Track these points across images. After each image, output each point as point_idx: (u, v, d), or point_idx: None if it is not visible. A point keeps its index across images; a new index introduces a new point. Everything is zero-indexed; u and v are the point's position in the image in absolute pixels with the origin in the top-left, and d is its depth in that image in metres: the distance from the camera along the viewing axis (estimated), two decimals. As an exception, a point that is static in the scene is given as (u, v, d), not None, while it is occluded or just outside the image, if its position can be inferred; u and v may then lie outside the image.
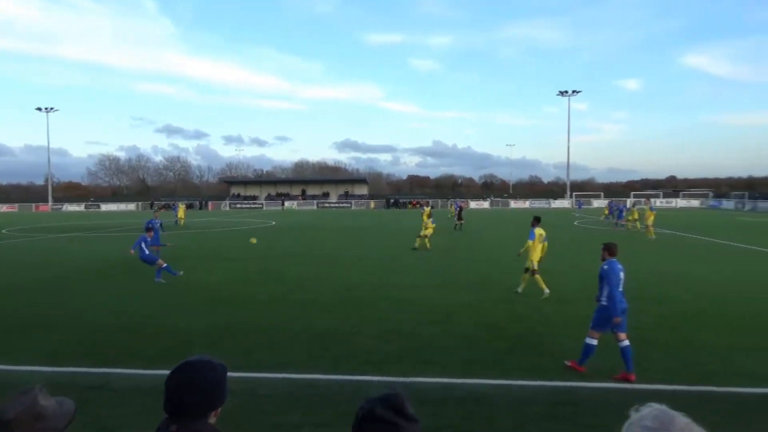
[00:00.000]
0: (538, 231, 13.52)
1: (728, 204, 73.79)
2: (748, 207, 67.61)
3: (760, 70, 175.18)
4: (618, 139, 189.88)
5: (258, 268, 18.53)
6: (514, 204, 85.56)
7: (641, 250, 23.26)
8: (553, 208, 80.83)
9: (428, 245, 24.02)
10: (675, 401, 6.43)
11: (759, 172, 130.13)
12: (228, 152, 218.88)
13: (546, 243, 13.61)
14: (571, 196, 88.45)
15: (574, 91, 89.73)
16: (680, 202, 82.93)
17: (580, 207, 70.18)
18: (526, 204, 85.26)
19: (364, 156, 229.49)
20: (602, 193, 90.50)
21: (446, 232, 34.21)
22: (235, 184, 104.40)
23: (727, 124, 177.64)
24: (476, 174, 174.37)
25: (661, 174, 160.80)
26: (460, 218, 36.78)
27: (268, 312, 11.68)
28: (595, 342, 7.66)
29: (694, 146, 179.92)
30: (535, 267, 13.40)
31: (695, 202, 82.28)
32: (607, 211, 44.30)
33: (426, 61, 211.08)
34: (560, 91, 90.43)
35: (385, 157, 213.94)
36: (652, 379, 7.36)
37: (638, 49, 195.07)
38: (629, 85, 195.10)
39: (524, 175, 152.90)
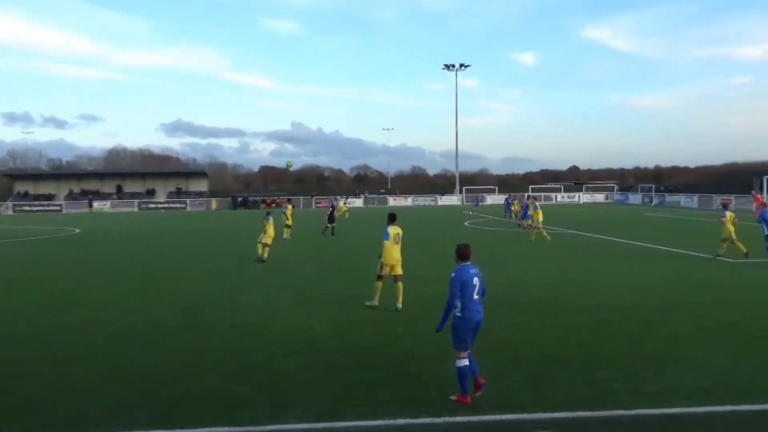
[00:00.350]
0: (393, 230, 14.09)
1: (635, 198, 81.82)
2: (655, 201, 75.48)
3: (668, 46, 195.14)
4: (514, 122, 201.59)
5: (53, 291, 17.32)
6: (393, 201, 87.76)
7: (541, 253, 24.90)
8: (442, 205, 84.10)
9: (264, 255, 23.58)
10: (578, 428, 6.84)
11: (666, 161, 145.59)
12: (10, 135, 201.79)
13: (401, 244, 14.25)
14: (461, 191, 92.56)
15: (462, 65, 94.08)
16: (584, 197, 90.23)
17: (477, 205, 72.96)
18: (407, 201, 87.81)
19: (203, 142, 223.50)
20: (497, 187, 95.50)
21: (312, 236, 34.19)
22: (22, 178, 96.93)
23: (632, 106, 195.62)
24: (347, 165, 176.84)
25: (562, 164, 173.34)
26: (331, 220, 36.79)
27: (65, 349, 10.89)
28: (465, 362, 8.00)
29: (598, 132, 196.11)
30: (381, 272, 14.17)
31: (600, 197, 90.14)
32: (516, 207, 46.03)
33: (284, 22, 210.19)
34: (446, 65, 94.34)
35: (230, 144, 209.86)
36: (556, 403, 7.85)
37: (535, 19, 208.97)
38: (525, 60, 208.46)
39: (405, 166, 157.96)
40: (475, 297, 8.03)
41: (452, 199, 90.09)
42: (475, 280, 8.03)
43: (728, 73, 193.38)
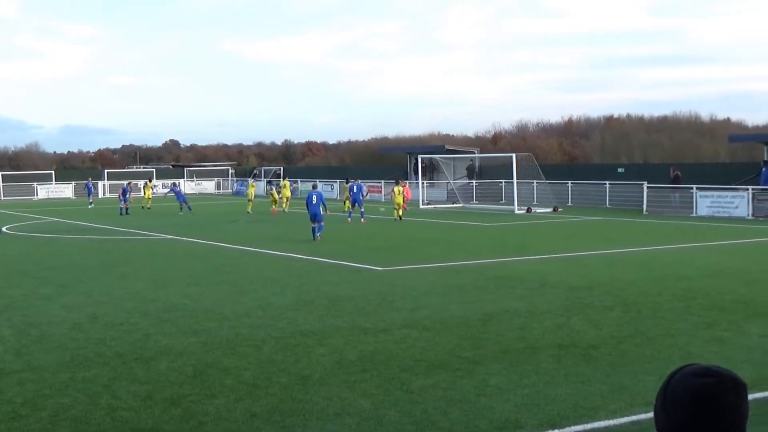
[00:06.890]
0: None
1: (259, 187, 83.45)
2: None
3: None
4: (81, 74, 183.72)
5: None
6: None
7: (127, 270, 22.97)
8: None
9: None
10: None
11: (299, 136, 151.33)
12: None
13: None
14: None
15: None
16: (188, 185, 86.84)
17: (90, 193, 64.72)
18: None
19: None
20: (53, 171, 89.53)
21: None
22: None
23: (248, 58, 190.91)
24: None
25: (154, 138, 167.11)
26: None
27: None
28: None
29: (207, 92, 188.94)
30: None
31: (210, 185, 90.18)
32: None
33: None
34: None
35: None
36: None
37: None
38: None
39: None
40: None
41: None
42: None
43: (374, 17, 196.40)
